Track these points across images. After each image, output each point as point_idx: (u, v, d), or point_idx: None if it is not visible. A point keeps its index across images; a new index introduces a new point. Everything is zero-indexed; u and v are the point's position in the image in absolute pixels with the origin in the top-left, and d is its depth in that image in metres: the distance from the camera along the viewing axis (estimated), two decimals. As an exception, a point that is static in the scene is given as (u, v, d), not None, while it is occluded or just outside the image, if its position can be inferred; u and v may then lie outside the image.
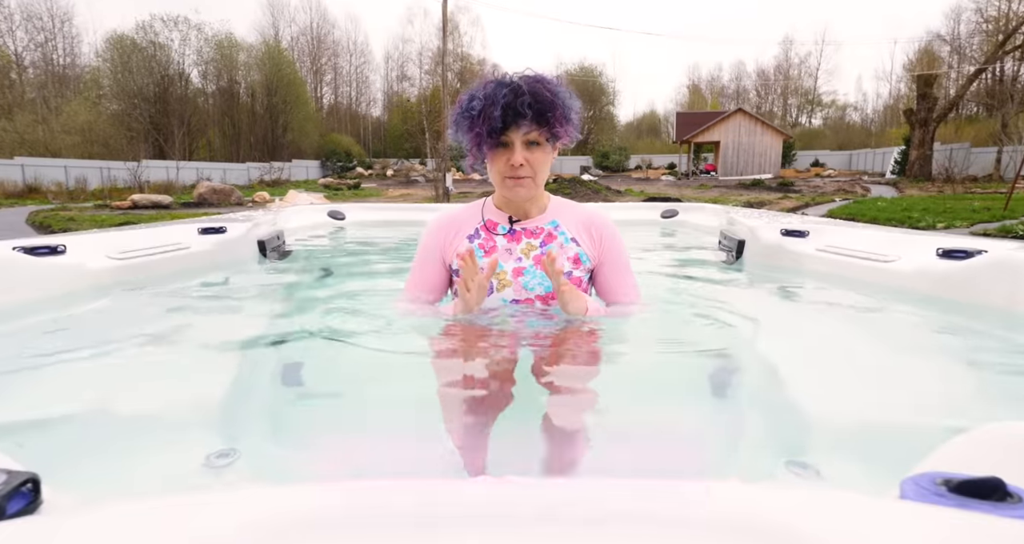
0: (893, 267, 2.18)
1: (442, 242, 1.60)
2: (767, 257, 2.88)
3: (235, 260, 2.82)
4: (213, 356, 1.45)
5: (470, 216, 1.61)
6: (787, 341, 1.70)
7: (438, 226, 1.61)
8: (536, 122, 1.40)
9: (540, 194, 1.57)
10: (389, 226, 5.05)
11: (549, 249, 1.50)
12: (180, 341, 1.60)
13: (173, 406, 1.12)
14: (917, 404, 1.20)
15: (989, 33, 33.98)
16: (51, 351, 1.48)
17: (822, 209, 14.14)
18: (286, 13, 52.18)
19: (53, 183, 22.38)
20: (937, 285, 1.98)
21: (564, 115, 1.43)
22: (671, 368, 1.40)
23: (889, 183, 24.25)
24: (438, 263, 1.60)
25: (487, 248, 1.56)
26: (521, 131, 1.40)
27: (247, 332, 1.59)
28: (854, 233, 2.67)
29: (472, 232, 1.58)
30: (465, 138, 1.45)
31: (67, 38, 41.26)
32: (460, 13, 47.76)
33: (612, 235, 1.59)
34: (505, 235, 1.56)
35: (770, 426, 1.14)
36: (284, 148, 43.07)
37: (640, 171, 36.96)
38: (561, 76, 1.50)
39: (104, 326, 1.64)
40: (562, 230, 1.56)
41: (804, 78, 56.07)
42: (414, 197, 19.28)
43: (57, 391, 1.24)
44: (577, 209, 1.63)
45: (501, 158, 1.44)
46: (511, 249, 1.55)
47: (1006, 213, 10.85)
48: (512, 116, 1.38)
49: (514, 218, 1.57)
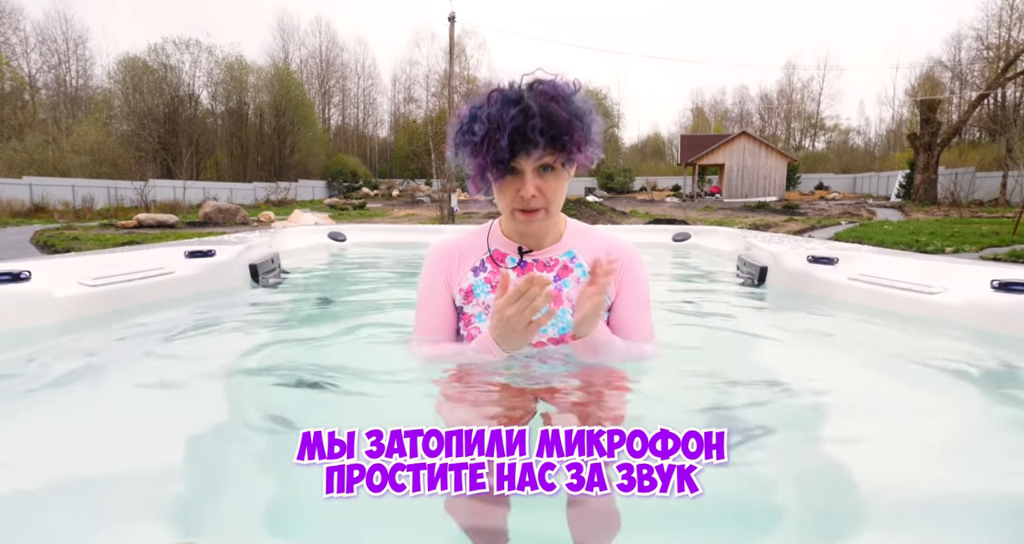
0: (939, 299, 1.99)
1: (446, 272, 1.39)
2: (792, 285, 2.69)
3: (224, 287, 2.63)
4: (194, 409, 1.25)
5: (475, 244, 1.40)
6: (821, 388, 1.48)
7: (439, 256, 1.40)
8: (550, 148, 1.19)
9: (555, 221, 1.36)
10: (391, 247, 4.89)
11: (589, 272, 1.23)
12: (152, 390, 1.40)
13: (134, 479, 0.92)
14: (976, 471, 1.01)
15: (990, 60, 34.21)
16: None
17: (828, 232, 13.99)
18: (296, 36, 53.01)
19: (60, 202, 22.45)
20: (993, 320, 1.79)
21: (584, 137, 1.22)
22: (685, 415, 1.22)
23: (895, 206, 24.15)
24: (446, 298, 1.39)
25: (494, 282, 1.35)
26: (532, 158, 1.19)
27: (230, 379, 1.40)
28: (888, 261, 2.48)
29: (477, 264, 1.38)
30: (467, 162, 1.24)
31: (80, 60, 41.98)
32: (467, 37, 48.38)
33: (634, 265, 1.38)
34: (514, 268, 1.36)
35: (803, 499, 0.97)
36: (291, 168, 43.40)
37: (645, 193, 37.00)
38: (577, 81, 1.26)
39: (64, 369, 1.45)
40: (579, 261, 1.36)
41: (807, 102, 56.41)
42: (419, 217, 19.25)
43: (12, 451, 1.05)
44: (596, 236, 1.42)
45: (510, 188, 1.23)
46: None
47: (1015, 238, 10.70)
48: (521, 143, 1.16)
49: (524, 249, 1.37)
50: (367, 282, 3.48)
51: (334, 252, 4.67)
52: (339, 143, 52.32)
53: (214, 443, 1.10)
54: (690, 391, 1.38)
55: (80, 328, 1.85)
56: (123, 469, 0.98)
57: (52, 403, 1.29)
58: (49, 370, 1.47)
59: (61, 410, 1.28)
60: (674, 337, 1.86)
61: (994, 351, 1.70)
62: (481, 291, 1.35)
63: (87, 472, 0.98)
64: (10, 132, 31.96)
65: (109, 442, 1.10)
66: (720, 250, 4.38)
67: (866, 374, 1.65)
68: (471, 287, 1.36)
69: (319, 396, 1.29)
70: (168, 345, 1.79)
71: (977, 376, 1.60)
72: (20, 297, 1.73)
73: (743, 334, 2.11)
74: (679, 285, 3.50)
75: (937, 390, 1.50)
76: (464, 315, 1.37)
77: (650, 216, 18.68)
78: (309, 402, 1.27)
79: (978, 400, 1.45)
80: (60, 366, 1.50)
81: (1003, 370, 1.62)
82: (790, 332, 2.18)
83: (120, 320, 1.97)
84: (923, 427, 1.25)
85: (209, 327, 2.05)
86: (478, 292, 1.35)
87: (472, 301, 1.35)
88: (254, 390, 1.39)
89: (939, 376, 1.60)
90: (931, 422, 1.29)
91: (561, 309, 1.32)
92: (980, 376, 1.60)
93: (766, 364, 1.72)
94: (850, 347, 1.97)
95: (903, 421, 1.28)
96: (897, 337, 1.97)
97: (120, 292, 2.08)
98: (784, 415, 1.27)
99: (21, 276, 1.76)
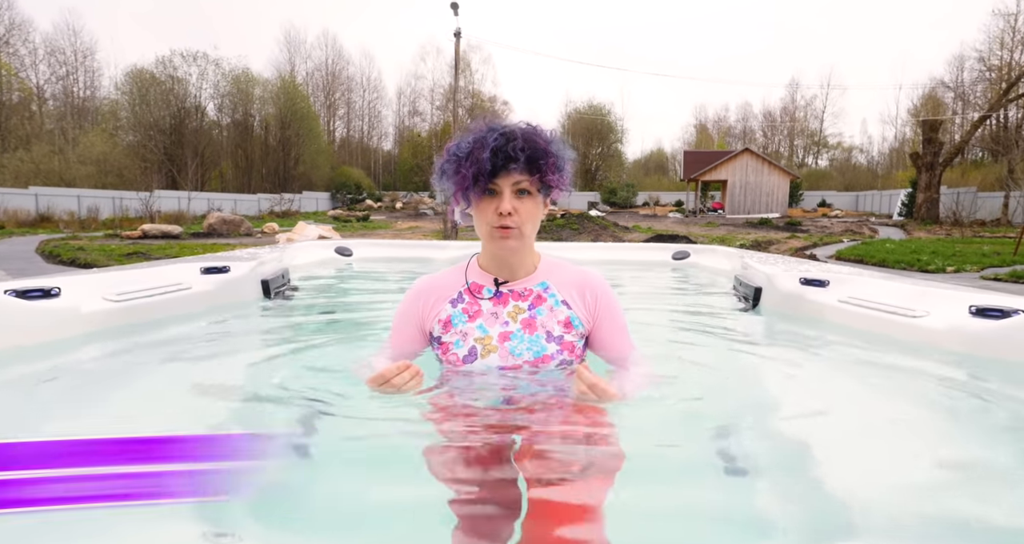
0: (922, 323, 2.08)
1: (420, 310, 1.52)
2: (785, 307, 2.78)
3: (238, 301, 2.74)
4: (214, 417, 1.35)
5: (453, 280, 1.53)
6: (809, 406, 1.58)
7: (416, 294, 1.54)
8: (527, 168, 1.32)
9: (528, 252, 1.48)
10: (396, 262, 5.00)
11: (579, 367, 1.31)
12: (176, 397, 1.50)
13: (168, 475, 1.02)
14: (954, 483, 1.09)
15: (992, 81, 34.49)
16: (35, 409, 1.39)
17: (830, 249, 14.08)
18: (302, 50, 53.62)
19: (66, 212, 22.63)
20: (971, 345, 1.88)
21: (557, 164, 1.36)
22: (680, 441, 1.30)
23: (897, 225, 24.25)
24: (414, 330, 1.53)
25: (471, 313, 1.47)
26: (511, 178, 1.33)
27: (248, 390, 1.51)
28: (877, 284, 2.57)
29: (455, 296, 1.50)
30: (450, 183, 1.37)
31: (88, 72, 42.48)
32: (472, 52, 49.00)
33: (607, 295, 1.50)
34: (491, 298, 1.47)
35: (791, 508, 1.03)
36: (295, 180, 43.72)
37: (647, 208, 37.17)
38: (555, 131, 1.42)
39: (94, 380, 1.55)
40: (552, 292, 1.48)
41: (810, 120, 56.77)
42: (422, 230, 19.38)
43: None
44: (569, 270, 1.53)
45: (489, 207, 1.36)
46: (497, 313, 1.46)
47: (1016, 258, 10.77)
48: (502, 160, 1.30)
49: (500, 279, 1.49)
50: (372, 296, 3.58)
51: (341, 267, 4.77)
52: (343, 155, 52.68)
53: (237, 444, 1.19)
54: (679, 411, 1.46)
55: (105, 340, 1.96)
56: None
57: (87, 408, 1.40)
58: (83, 378, 1.58)
59: (87, 413, 1.38)
60: (668, 356, 1.95)
61: (972, 372, 1.79)
62: (459, 321, 1.47)
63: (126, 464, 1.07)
64: (17, 142, 32.29)
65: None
66: (719, 269, 4.47)
67: (851, 392, 1.74)
68: (449, 317, 1.48)
69: (333, 413, 1.38)
70: (188, 357, 1.90)
71: (956, 394, 1.69)
72: (51, 312, 1.84)
73: (736, 355, 2.19)
74: (677, 304, 3.59)
75: (919, 405, 1.58)
76: (442, 344, 1.48)
77: (652, 231, 18.79)
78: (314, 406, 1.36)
79: (954, 416, 1.53)
80: (87, 374, 1.61)
81: (979, 388, 1.71)
82: (781, 353, 2.27)
83: (142, 333, 2.08)
84: (902, 440, 1.34)
85: (223, 339, 2.15)
86: (456, 322, 1.47)
87: (450, 330, 1.47)
88: (264, 395, 1.48)
89: (920, 393, 1.70)
90: (912, 435, 1.37)
91: (536, 334, 1.44)
92: (958, 394, 1.69)
93: (756, 385, 1.81)
94: (838, 368, 2.06)
95: (885, 441, 1.35)
96: (883, 358, 2.06)
97: (142, 307, 2.20)
98: (771, 438, 1.35)
99: (52, 292, 1.86)
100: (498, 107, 50.34)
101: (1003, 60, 34.85)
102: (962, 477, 1.19)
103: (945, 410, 1.59)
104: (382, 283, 4.19)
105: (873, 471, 1.14)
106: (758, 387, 1.76)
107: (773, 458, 1.24)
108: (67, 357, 1.77)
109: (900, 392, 1.73)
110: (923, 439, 1.38)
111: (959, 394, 1.71)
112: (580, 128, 50.99)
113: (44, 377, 1.62)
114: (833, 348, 2.25)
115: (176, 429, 1.27)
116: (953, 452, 1.30)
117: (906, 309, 2.17)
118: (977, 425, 1.50)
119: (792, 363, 2.11)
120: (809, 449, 1.25)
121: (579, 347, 1.48)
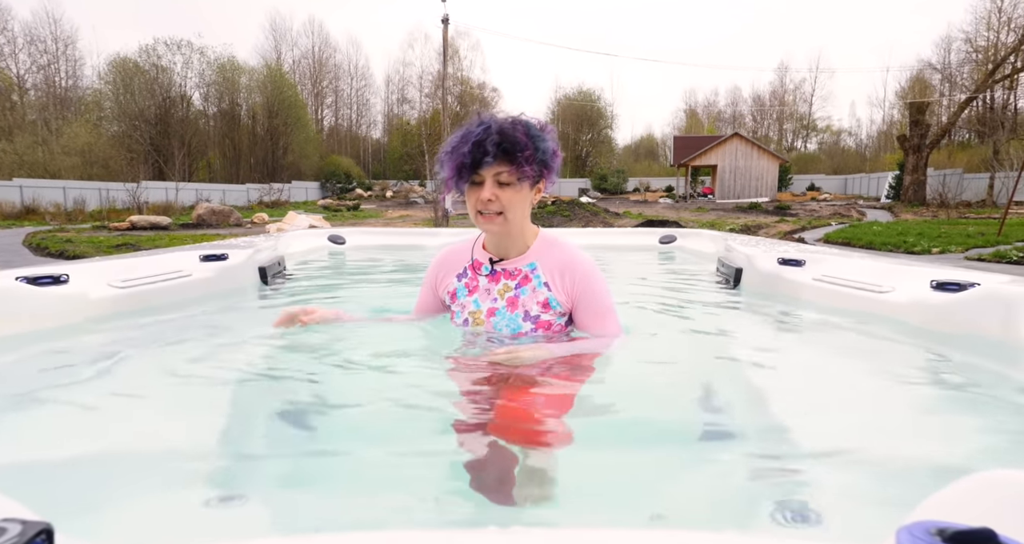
0: (887, 298, 2.20)
1: (437, 277, 1.73)
2: (764, 286, 2.90)
3: (236, 287, 2.83)
4: (218, 392, 1.45)
5: (463, 255, 1.70)
6: (781, 377, 1.70)
7: (437, 264, 1.74)
8: (503, 161, 1.45)
9: (518, 234, 1.60)
10: (389, 250, 5.08)
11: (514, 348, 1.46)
12: (183, 376, 1.60)
13: (179, 446, 1.12)
14: (913, 445, 1.20)
15: (979, 62, 34.66)
16: (53, 387, 1.48)
17: (818, 233, 14.24)
18: (288, 37, 53.03)
19: (51, 204, 22.40)
20: (931, 317, 2.00)
21: (533, 156, 1.47)
22: (656, 406, 1.40)
23: (884, 207, 24.47)
24: (431, 294, 1.75)
25: (471, 287, 1.65)
26: (492, 169, 1.46)
27: (250, 367, 1.61)
28: (850, 263, 2.70)
29: (461, 271, 1.68)
30: (446, 170, 1.52)
31: (70, 61, 41.77)
32: (460, 38, 48.51)
33: (587, 279, 1.60)
34: (487, 275, 1.63)
35: (762, 469, 1.11)
36: (284, 169, 43.35)
37: (638, 194, 37.24)
38: (544, 124, 1.55)
39: (105, 360, 1.64)
40: (538, 273, 1.60)
41: (799, 104, 56.89)
42: (413, 218, 19.36)
43: (64, 430, 1.24)
44: (559, 252, 1.63)
45: (473, 195, 1.51)
46: (490, 290, 1.62)
47: (1000, 238, 10.97)
48: (480, 153, 1.44)
49: (495, 259, 1.63)
50: (367, 281, 3.67)
51: (334, 254, 4.85)
52: (332, 144, 52.27)
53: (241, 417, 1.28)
54: (658, 383, 1.57)
55: (111, 324, 2.06)
56: (152, 441, 1.17)
57: (99, 387, 1.49)
58: (93, 360, 1.67)
59: (97, 393, 1.48)
60: (652, 332, 2.06)
61: (930, 342, 1.92)
62: (461, 294, 1.66)
63: (120, 442, 1.17)
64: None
65: (142, 418, 1.31)
66: (703, 252, 4.59)
67: (821, 364, 1.86)
68: (455, 290, 1.67)
69: (331, 385, 1.48)
70: (193, 340, 2.00)
71: (916, 365, 1.82)
72: (61, 298, 1.93)
73: (714, 331, 2.31)
74: (663, 285, 3.70)
75: (881, 375, 1.70)
76: (452, 311, 1.69)
77: (643, 217, 18.89)
78: (321, 391, 1.46)
79: (915, 384, 1.65)
80: (102, 355, 1.70)
81: (938, 359, 1.83)
82: (759, 329, 2.40)
83: (146, 317, 2.18)
84: (866, 407, 1.45)
85: (227, 326, 2.24)
86: (459, 295, 1.66)
87: (456, 301, 1.67)
88: (262, 377, 1.58)
89: (884, 363, 1.82)
90: (874, 402, 1.49)
91: (515, 313, 1.59)
92: (918, 365, 1.82)
93: (733, 357, 1.92)
94: (810, 341, 2.19)
95: (850, 403, 1.47)
96: (852, 332, 2.18)
97: (145, 293, 2.29)
98: (746, 402, 1.47)
99: (61, 279, 1.95)
100: (487, 94, 49.99)
101: (989, 41, 35.03)
102: (916, 429, 1.31)
103: (904, 375, 1.71)
104: (376, 270, 4.28)
105: (835, 436, 1.23)
106: (736, 359, 1.87)
107: (747, 422, 1.34)
108: (77, 340, 1.87)
109: (866, 360, 1.86)
110: (886, 402, 1.49)
111: (918, 360, 1.84)
112: (570, 114, 50.83)
113: (57, 358, 1.71)
114: (807, 322, 2.38)
115: (181, 407, 1.37)
116: (910, 420, 1.41)
117: (874, 285, 2.29)
118: (933, 388, 1.62)
119: (768, 337, 2.24)
120: (780, 415, 1.36)
121: (557, 324, 1.60)
